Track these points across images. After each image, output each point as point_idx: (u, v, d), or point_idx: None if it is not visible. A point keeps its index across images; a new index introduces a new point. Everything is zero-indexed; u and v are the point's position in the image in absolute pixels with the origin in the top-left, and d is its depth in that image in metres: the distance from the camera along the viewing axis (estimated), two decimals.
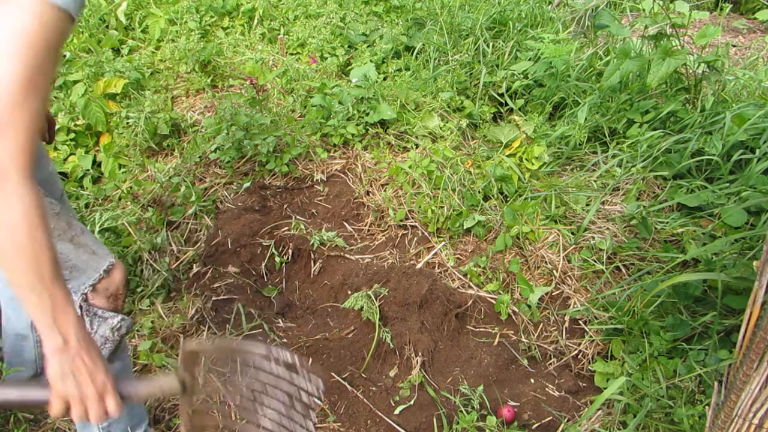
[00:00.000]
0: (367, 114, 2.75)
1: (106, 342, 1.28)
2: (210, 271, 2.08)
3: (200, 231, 2.26)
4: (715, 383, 1.34)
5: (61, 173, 2.56)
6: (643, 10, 3.08)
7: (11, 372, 1.62)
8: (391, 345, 1.80)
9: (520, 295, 2.02)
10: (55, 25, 0.89)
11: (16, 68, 0.87)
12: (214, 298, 1.98)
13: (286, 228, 2.24)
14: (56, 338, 0.98)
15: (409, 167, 2.42)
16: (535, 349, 1.89)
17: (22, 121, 0.89)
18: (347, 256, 2.19)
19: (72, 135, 2.73)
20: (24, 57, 0.87)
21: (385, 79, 3.21)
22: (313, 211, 2.42)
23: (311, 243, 2.17)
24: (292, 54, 3.60)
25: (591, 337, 1.87)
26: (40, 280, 0.96)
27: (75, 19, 0.93)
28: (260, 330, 1.90)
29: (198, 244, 2.20)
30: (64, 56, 2.96)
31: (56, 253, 0.99)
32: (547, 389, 1.78)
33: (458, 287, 2.07)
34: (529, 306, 1.97)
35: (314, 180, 2.51)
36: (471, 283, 2.09)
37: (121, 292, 1.40)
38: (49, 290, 0.96)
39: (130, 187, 2.43)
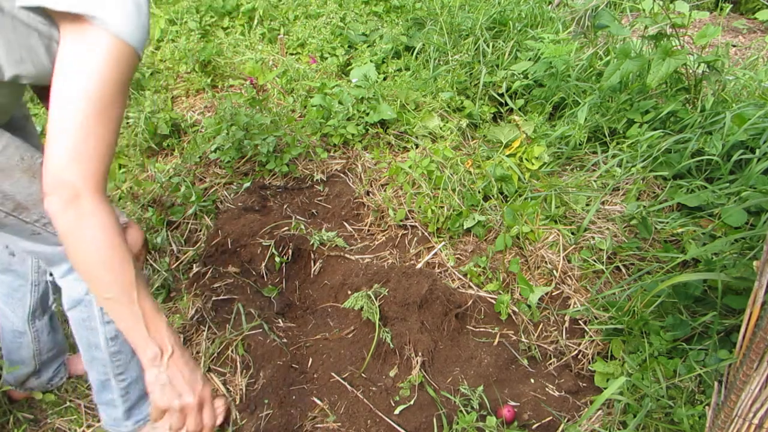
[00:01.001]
0: (367, 114, 2.75)
1: None
2: (210, 271, 2.08)
3: (200, 231, 2.26)
4: (715, 383, 1.34)
5: None
6: (643, 10, 3.08)
7: (11, 370, 1.63)
8: (391, 345, 1.80)
9: (520, 295, 2.02)
10: (125, 62, 0.96)
11: (88, 103, 0.93)
12: (214, 298, 1.98)
13: (286, 228, 2.24)
14: (152, 348, 0.99)
15: (409, 167, 2.42)
16: (535, 349, 1.89)
17: (94, 149, 0.95)
18: (347, 256, 2.19)
19: None
20: (96, 92, 0.94)
21: (385, 79, 3.21)
22: (313, 211, 2.42)
23: (311, 243, 2.17)
24: (292, 54, 3.60)
25: (591, 337, 1.87)
26: (127, 292, 0.97)
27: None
28: (260, 330, 1.90)
29: (198, 244, 2.20)
30: None
31: (137, 265, 1.02)
32: (547, 389, 1.78)
33: (458, 287, 2.07)
34: (529, 306, 1.97)
35: (314, 180, 2.51)
36: (471, 283, 2.09)
37: (140, 252, 1.37)
38: (137, 302, 0.97)
39: (130, 187, 2.43)
